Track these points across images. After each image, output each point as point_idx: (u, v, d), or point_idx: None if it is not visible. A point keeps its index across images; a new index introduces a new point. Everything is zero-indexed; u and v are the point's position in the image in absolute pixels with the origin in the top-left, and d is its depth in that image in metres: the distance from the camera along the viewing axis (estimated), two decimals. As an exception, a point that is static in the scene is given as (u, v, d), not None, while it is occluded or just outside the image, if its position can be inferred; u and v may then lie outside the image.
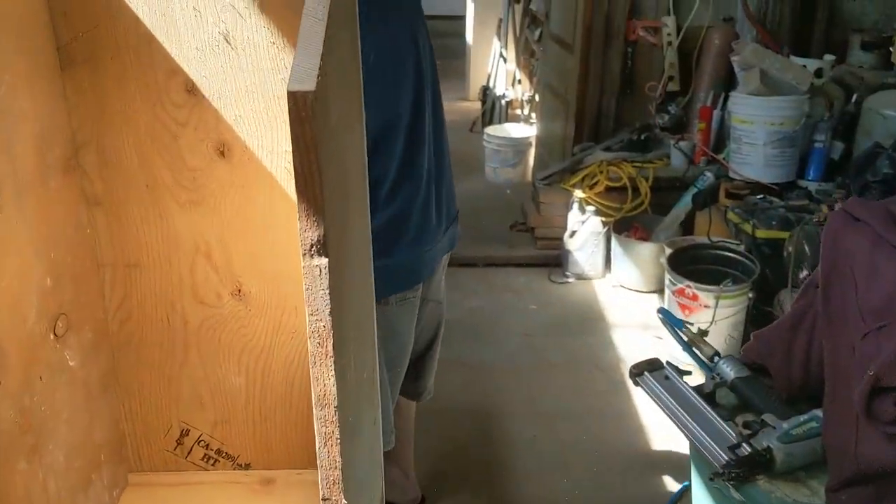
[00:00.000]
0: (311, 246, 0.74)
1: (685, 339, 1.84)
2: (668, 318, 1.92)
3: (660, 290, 3.96)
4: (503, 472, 2.89)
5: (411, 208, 1.94)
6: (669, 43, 4.40)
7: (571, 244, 4.27)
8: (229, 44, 1.03)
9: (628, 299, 4.13)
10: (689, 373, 1.76)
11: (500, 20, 6.83)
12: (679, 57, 4.42)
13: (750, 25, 4.23)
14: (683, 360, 1.95)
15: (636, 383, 1.74)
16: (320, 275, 0.74)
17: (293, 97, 0.69)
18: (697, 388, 1.70)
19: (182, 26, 1.03)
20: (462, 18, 7.94)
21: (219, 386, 1.19)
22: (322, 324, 0.76)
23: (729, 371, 1.70)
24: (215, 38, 1.03)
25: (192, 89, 1.05)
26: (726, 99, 4.10)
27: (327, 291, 0.75)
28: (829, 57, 4.06)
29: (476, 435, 3.09)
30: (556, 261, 4.39)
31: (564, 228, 4.33)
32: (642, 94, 4.53)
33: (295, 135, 0.70)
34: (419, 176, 1.95)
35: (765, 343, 1.75)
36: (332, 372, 0.78)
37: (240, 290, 1.14)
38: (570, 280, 4.29)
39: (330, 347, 0.77)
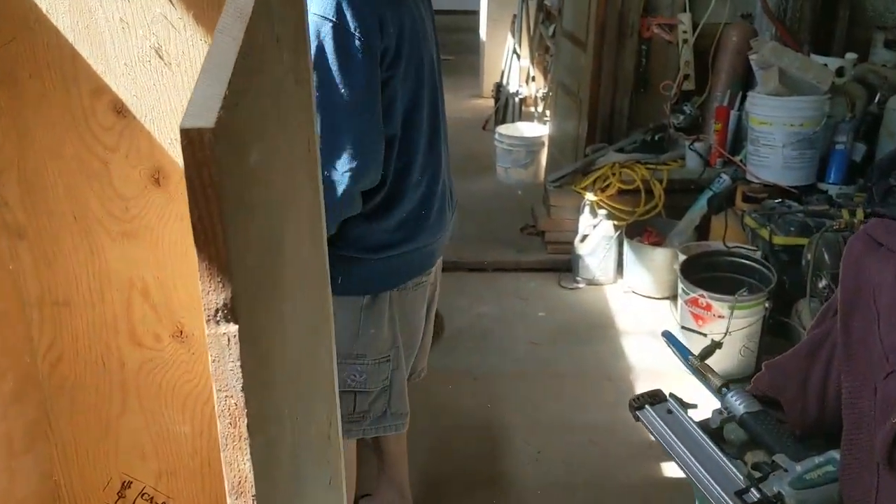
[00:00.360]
0: (216, 311, 0.62)
1: (692, 366, 1.71)
2: (673, 344, 1.78)
3: (673, 297, 3.82)
4: (506, 487, 2.77)
5: (434, 192, 1.93)
6: (685, 40, 4.24)
7: (582, 249, 4.13)
8: (162, 59, 0.91)
9: (640, 306, 3.99)
10: (694, 406, 1.63)
11: (515, 16, 6.68)
12: (695, 55, 4.25)
13: (769, 22, 4.06)
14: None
15: (636, 418, 1.61)
16: (228, 344, 0.62)
17: (186, 136, 0.57)
18: (703, 424, 1.57)
19: (108, 40, 0.91)
20: (476, 14, 7.80)
21: (162, 434, 1.07)
22: (233, 401, 0.64)
23: (738, 404, 1.56)
24: (146, 53, 0.91)
25: (121, 110, 0.93)
26: (744, 99, 3.93)
27: (238, 363, 0.63)
28: (850, 55, 3.89)
29: (479, 448, 2.97)
30: (566, 266, 4.26)
31: (575, 232, 4.20)
32: (657, 94, 4.38)
33: (190, 181, 0.58)
34: (439, 159, 1.94)
35: (778, 373, 1.61)
36: (248, 455, 0.66)
37: (181, 332, 1.02)
38: (581, 286, 4.16)
39: (244, 428, 0.65)
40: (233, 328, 0.62)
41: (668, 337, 1.83)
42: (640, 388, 3.32)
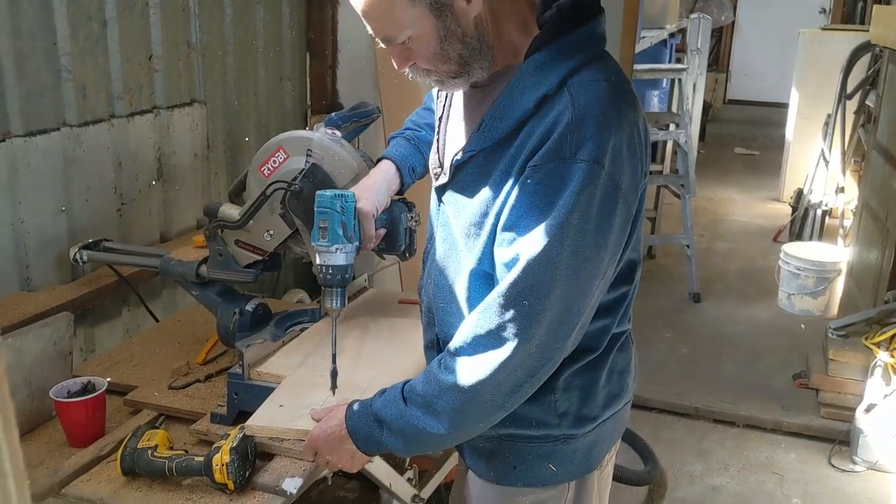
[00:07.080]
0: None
1: None
2: None
3: None
4: None
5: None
6: None
7: (866, 421, 3.25)
8: None
9: (940, 513, 3.03)
10: None
11: (829, 115, 5.78)
12: None
13: None
14: None
15: None
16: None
17: None
18: None
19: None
20: (785, 107, 6.95)
21: None
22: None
23: None
24: None
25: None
26: None
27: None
28: None
29: None
30: (843, 437, 3.38)
31: (860, 398, 3.33)
32: None
33: None
34: None
35: None
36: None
37: None
38: (859, 469, 3.26)
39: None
40: None
41: None
42: None
